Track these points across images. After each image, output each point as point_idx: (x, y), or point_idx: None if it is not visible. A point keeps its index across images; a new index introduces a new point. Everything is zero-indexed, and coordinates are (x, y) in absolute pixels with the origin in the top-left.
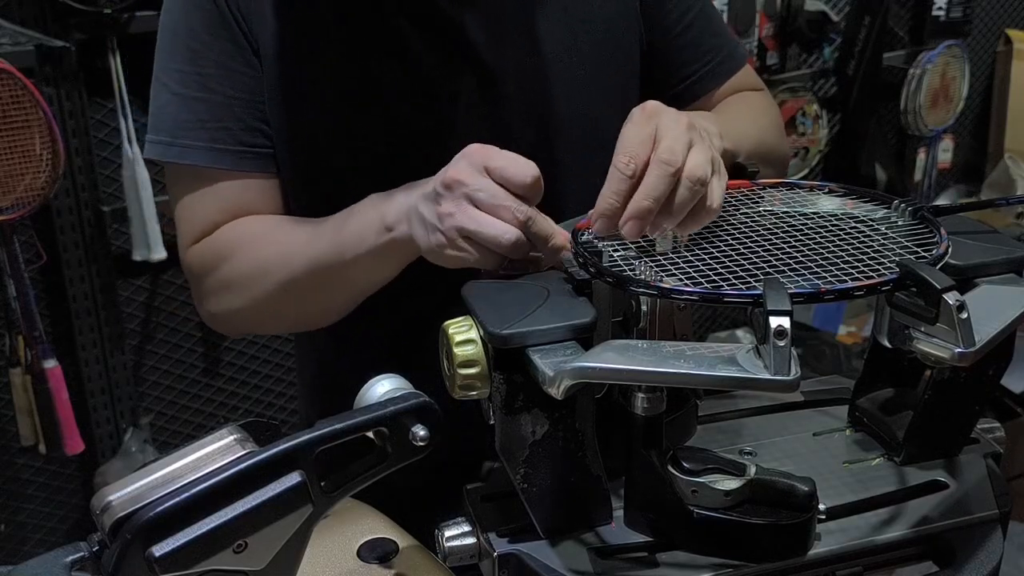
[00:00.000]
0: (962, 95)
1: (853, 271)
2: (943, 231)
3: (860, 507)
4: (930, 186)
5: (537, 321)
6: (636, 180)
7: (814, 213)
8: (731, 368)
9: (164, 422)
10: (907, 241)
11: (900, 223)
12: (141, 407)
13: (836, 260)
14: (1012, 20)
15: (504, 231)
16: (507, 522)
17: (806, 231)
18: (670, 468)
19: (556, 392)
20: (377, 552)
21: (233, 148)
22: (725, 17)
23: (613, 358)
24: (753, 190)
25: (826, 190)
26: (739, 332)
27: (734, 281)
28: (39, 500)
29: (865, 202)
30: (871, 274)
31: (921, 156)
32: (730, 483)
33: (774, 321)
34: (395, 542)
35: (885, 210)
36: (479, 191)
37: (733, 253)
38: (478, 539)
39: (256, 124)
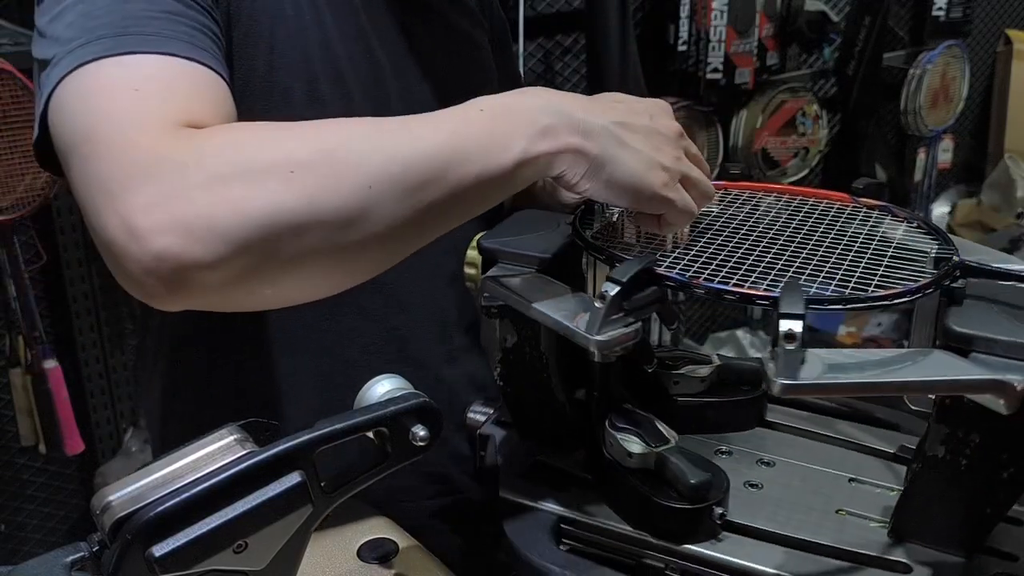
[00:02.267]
0: (962, 95)
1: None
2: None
3: (790, 543)
4: (930, 186)
5: (515, 244)
6: None
7: (846, 227)
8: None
9: None
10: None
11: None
12: (141, 407)
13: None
14: (1012, 20)
15: (711, 185)
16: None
17: (812, 241)
18: (607, 421)
19: None
20: (377, 552)
21: (216, 55)
22: (725, 17)
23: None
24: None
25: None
26: (739, 332)
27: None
28: (39, 500)
29: (924, 234)
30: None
31: (921, 156)
32: (636, 447)
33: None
34: (395, 542)
35: (937, 248)
36: (690, 146)
37: (727, 249)
38: (486, 422)
39: (221, 48)
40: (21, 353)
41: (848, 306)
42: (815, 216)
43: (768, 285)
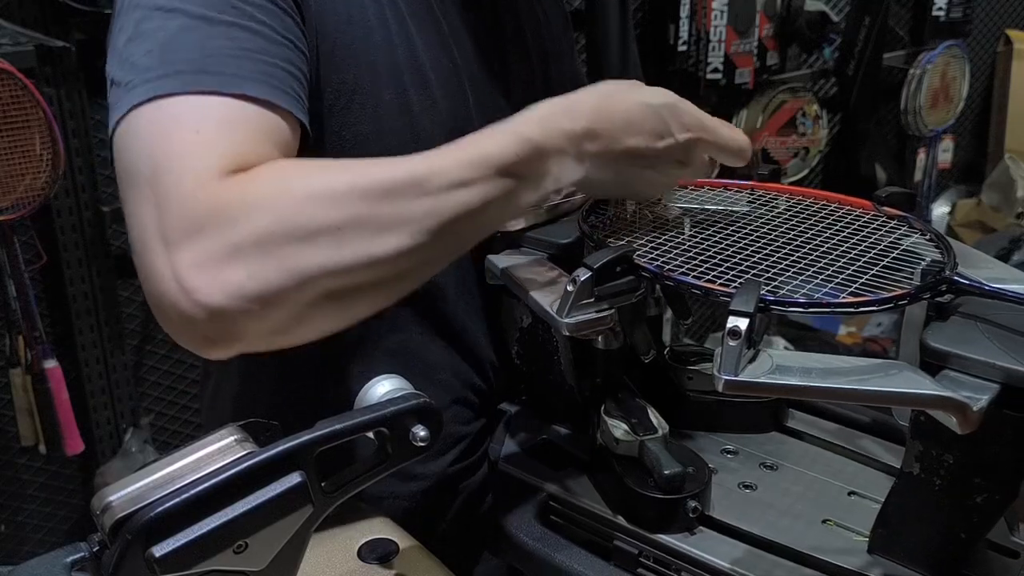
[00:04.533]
0: (962, 95)
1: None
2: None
3: (764, 546)
4: (930, 186)
5: (536, 229)
6: None
7: (858, 232)
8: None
9: (164, 422)
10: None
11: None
12: (141, 407)
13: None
14: (1012, 20)
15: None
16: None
17: (817, 241)
18: (603, 407)
19: None
20: (377, 552)
21: (290, 91)
22: (725, 17)
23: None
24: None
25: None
26: None
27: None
28: (39, 500)
29: (933, 247)
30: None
31: (921, 156)
32: (622, 435)
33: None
34: (395, 542)
35: (928, 261)
36: (701, 125)
37: (729, 250)
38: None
39: (302, 78)
40: (21, 353)
41: (810, 310)
42: (826, 221)
43: (741, 283)
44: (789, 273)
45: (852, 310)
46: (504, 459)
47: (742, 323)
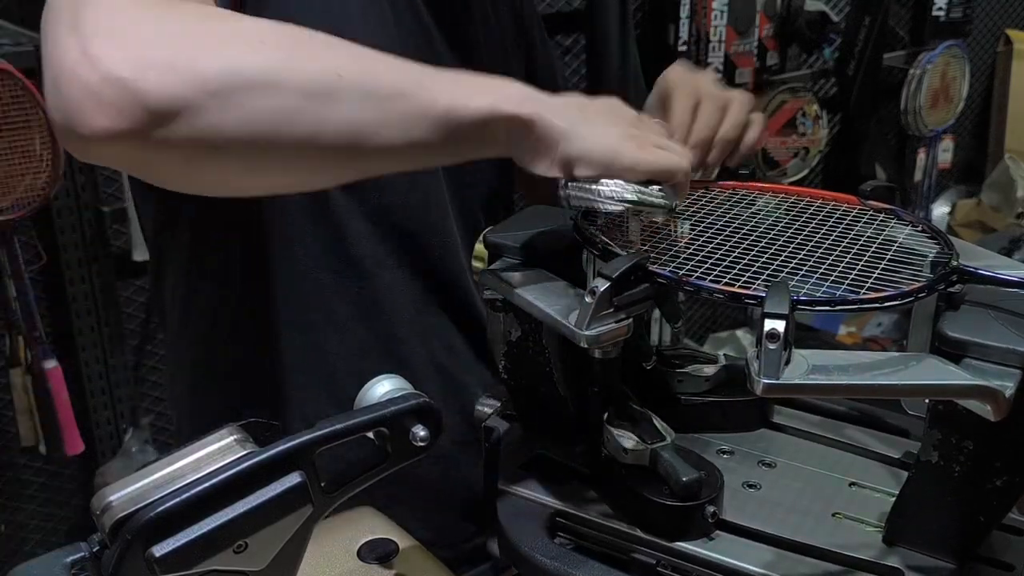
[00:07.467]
0: (962, 95)
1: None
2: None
3: (783, 544)
4: (930, 186)
5: (520, 239)
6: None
7: (852, 229)
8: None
9: (164, 422)
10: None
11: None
12: (141, 407)
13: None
14: (1012, 20)
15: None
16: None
17: (814, 239)
18: (605, 417)
19: None
20: (377, 552)
21: None
22: (725, 17)
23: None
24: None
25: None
26: (739, 332)
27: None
28: (39, 500)
29: (927, 238)
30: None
31: (921, 156)
32: (630, 443)
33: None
34: (395, 542)
35: (936, 252)
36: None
37: (725, 248)
38: (492, 413)
39: None
40: (21, 353)
41: (837, 308)
42: (819, 218)
43: (760, 285)
44: (803, 272)
45: (877, 305)
46: (503, 477)
47: (779, 325)
